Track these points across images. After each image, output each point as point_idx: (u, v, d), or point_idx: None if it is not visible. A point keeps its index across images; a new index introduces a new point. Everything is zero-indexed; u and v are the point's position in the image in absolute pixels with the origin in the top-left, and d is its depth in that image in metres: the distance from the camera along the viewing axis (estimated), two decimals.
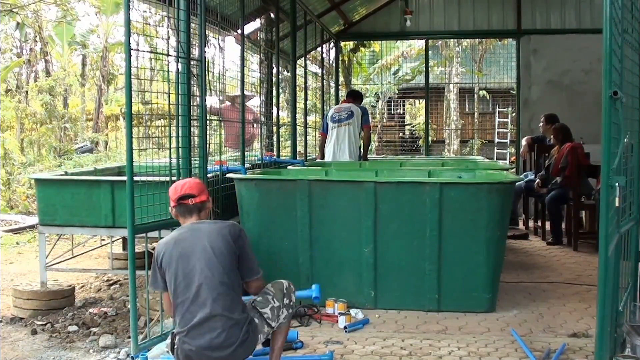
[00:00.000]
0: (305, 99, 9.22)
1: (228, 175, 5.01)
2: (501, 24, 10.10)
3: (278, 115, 8.03)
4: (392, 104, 23.10)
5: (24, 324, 5.03)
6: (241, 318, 2.98)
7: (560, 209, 7.34)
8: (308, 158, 8.55)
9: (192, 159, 4.24)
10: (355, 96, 8.02)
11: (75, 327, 4.87)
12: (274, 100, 7.73)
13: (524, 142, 8.80)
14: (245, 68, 6.03)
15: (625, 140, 3.11)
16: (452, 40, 18.11)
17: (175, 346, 3.00)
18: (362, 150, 7.73)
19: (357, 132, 7.51)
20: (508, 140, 17.73)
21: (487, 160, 8.83)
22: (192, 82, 4.25)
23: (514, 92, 11.26)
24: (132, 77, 3.73)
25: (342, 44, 11.97)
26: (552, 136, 7.60)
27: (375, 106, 21.52)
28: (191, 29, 4.24)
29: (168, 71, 4.25)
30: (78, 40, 20.29)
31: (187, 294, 2.94)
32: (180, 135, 4.15)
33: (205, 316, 2.91)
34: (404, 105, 23.94)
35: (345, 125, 7.42)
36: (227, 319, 2.93)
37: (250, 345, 3.02)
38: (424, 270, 4.53)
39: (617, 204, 2.99)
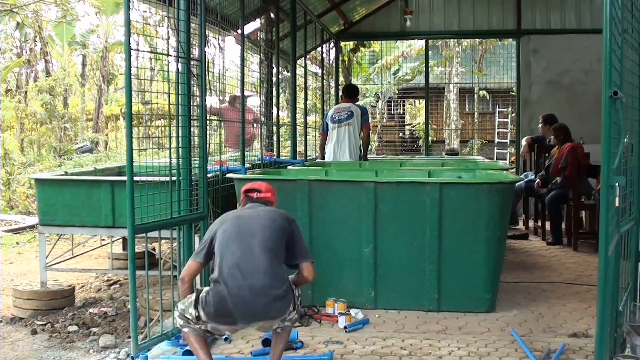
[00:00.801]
0: (305, 99, 9.22)
1: (228, 175, 5.00)
2: (501, 24, 10.10)
3: (278, 115, 8.03)
4: (392, 104, 23.09)
5: (24, 324, 5.03)
6: (283, 279, 3.17)
7: (560, 209, 7.34)
8: (308, 158, 8.55)
9: (192, 159, 4.24)
10: (351, 93, 7.86)
11: (75, 327, 4.87)
12: (274, 100, 7.73)
13: (524, 142, 8.80)
14: (245, 68, 6.03)
15: (625, 140, 3.11)
16: (452, 40, 18.11)
17: (204, 294, 3.10)
18: (362, 150, 7.73)
19: (357, 132, 7.49)
20: (508, 140, 17.74)
21: (487, 160, 8.83)
22: (192, 82, 4.25)
23: (514, 92, 11.25)
24: (132, 77, 3.73)
25: (342, 44, 11.96)
26: (552, 136, 7.61)
27: (375, 106, 21.52)
28: (191, 29, 4.24)
29: (168, 71, 4.24)
30: (78, 40, 20.29)
31: (239, 245, 3.13)
32: (180, 135, 4.15)
33: (253, 265, 3.07)
34: (404, 105, 23.93)
35: (345, 126, 7.40)
36: (271, 275, 3.09)
37: (284, 306, 3.13)
38: (424, 270, 4.53)
39: (617, 204, 2.99)
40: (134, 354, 3.77)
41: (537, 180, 7.74)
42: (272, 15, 7.74)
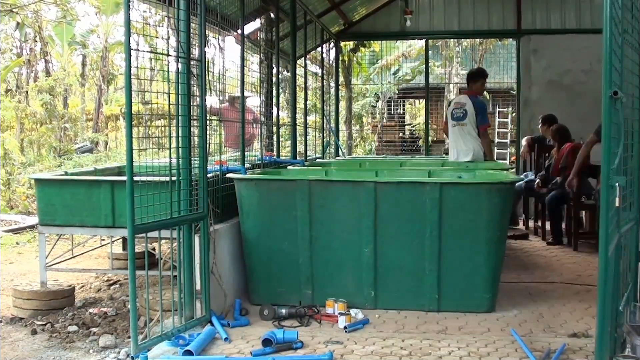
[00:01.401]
0: (305, 99, 9.21)
1: (228, 175, 5.00)
2: (501, 24, 10.10)
3: (278, 115, 8.02)
4: (392, 104, 23.04)
5: (24, 324, 5.03)
6: None
7: (560, 209, 7.34)
8: (308, 158, 8.54)
9: (192, 159, 4.24)
10: (469, 80, 7.04)
11: (75, 327, 4.87)
12: (274, 100, 7.72)
13: (524, 142, 8.80)
14: (245, 68, 6.03)
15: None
16: (452, 40, 18.11)
17: None
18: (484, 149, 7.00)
19: (475, 132, 6.90)
20: (508, 140, 17.72)
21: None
22: (192, 82, 4.25)
23: (514, 92, 11.25)
24: (132, 77, 3.73)
25: (342, 44, 11.96)
26: (551, 137, 7.61)
27: (375, 106, 21.52)
28: (191, 29, 4.24)
29: (168, 71, 4.24)
30: (78, 40, 20.29)
31: None
32: (180, 135, 4.15)
33: None
34: (404, 105, 23.88)
35: (461, 126, 6.90)
36: None
37: None
38: (424, 270, 4.54)
39: (617, 204, 2.99)
40: (134, 354, 3.77)
41: (537, 180, 7.74)
42: (272, 15, 7.73)
